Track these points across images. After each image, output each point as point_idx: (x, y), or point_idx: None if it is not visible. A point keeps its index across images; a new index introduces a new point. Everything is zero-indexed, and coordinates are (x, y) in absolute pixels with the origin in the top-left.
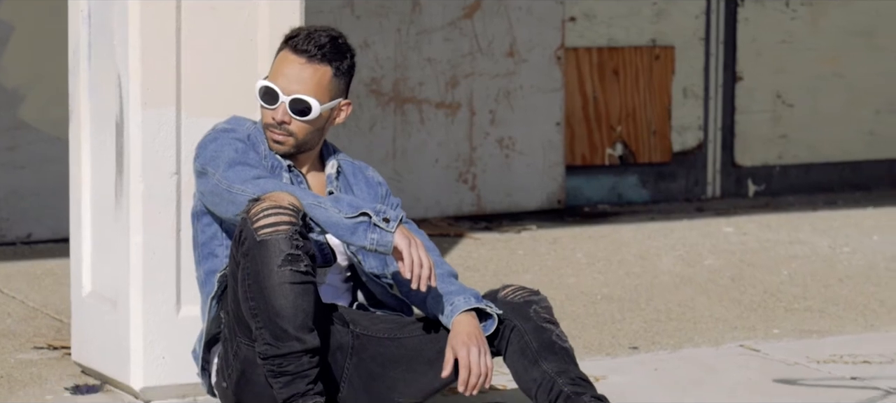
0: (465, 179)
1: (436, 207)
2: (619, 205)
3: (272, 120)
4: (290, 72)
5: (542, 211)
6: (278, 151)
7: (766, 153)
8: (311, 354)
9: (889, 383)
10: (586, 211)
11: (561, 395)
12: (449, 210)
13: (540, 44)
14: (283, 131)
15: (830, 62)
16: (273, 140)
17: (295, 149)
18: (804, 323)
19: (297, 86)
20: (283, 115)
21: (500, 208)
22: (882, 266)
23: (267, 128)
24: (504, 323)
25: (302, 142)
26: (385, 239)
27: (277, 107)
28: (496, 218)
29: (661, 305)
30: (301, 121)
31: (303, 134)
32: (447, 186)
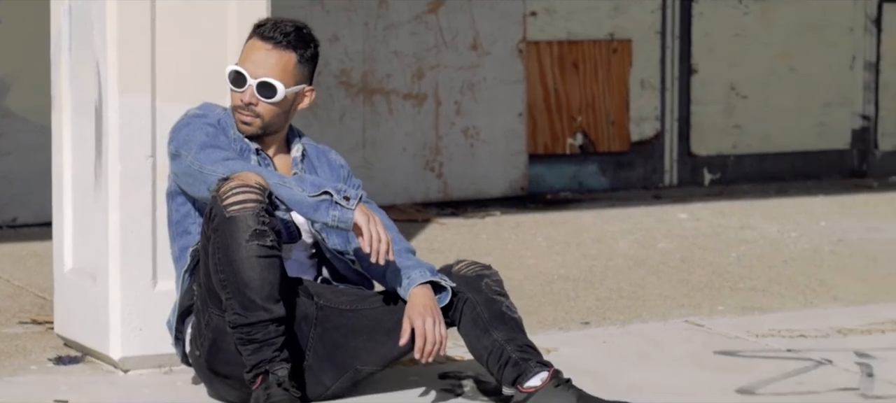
0: (432, 167)
1: (404, 194)
2: (580, 193)
3: (240, 102)
4: (257, 58)
5: (506, 198)
6: (246, 132)
7: (720, 143)
8: (277, 323)
9: (821, 355)
10: (548, 198)
11: (509, 361)
12: (417, 196)
13: (502, 37)
14: (251, 112)
15: (782, 56)
16: (241, 121)
17: (262, 130)
18: (747, 301)
19: (264, 70)
20: (250, 97)
21: (466, 195)
22: (827, 249)
23: (235, 110)
24: (458, 295)
25: (268, 123)
26: (345, 216)
27: (245, 89)
28: (462, 204)
29: (613, 285)
30: (267, 102)
31: (269, 115)
32: (415, 174)
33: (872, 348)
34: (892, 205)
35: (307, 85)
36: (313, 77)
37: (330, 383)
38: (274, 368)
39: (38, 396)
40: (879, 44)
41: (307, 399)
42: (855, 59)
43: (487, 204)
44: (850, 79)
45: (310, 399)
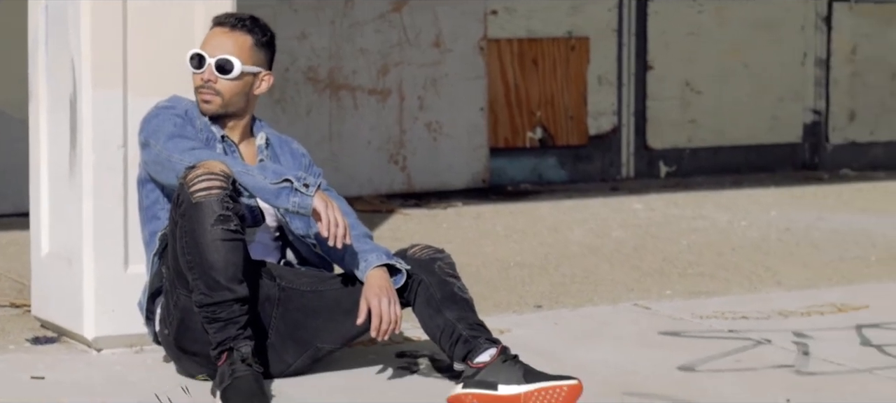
0: (396, 160)
1: (369, 186)
2: (540, 185)
3: (201, 81)
4: (215, 41)
5: (468, 190)
6: (207, 111)
7: (676, 137)
8: (241, 303)
9: (760, 335)
10: (509, 190)
11: (460, 339)
12: (381, 188)
13: (464, 35)
14: (210, 90)
15: (735, 53)
16: (202, 101)
17: (222, 109)
18: (694, 286)
19: (221, 50)
20: (209, 75)
21: (429, 187)
22: (774, 237)
23: (197, 91)
24: (412, 277)
25: (228, 101)
26: (305, 202)
27: (205, 69)
28: (425, 196)
29: (567, 271)
30: (225, 79)
31: (228, 93)
32: (379, 166)
33: (810, 328)
34: (840, 197)
35: (265, 70)
36: (271, 64)
37: (292, 360)
38: (238, 345)
39: (16, 373)
40: (830, 41)
41: (270, 375)
42: (806, 55)
43: (450, 195)
44: (801, 75)
45: (273, 375)
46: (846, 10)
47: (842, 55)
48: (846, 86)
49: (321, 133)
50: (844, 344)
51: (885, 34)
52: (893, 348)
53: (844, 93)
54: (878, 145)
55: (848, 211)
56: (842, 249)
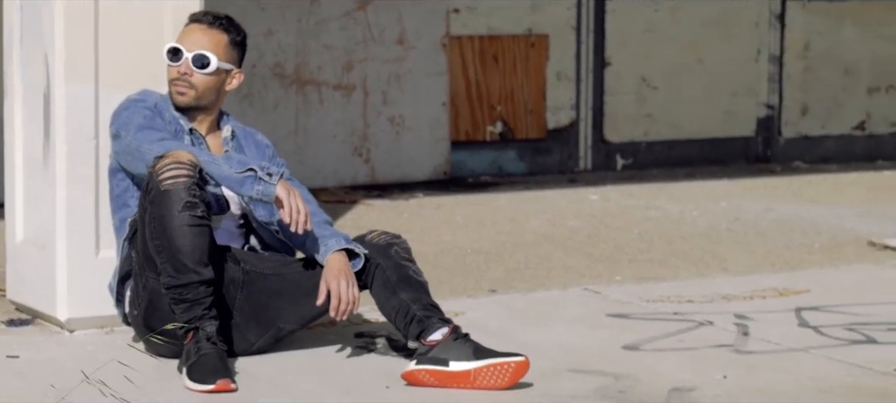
0: (360, 153)
1: (334, 177)
2: (500, 177)
3: (177, 73)
4: (192, 36)
5: (430, 182)
6: (181, 103)
7: (632, 131)
8: (206, 285)
9: (703, 317)
10: (470, 182)
11: (415, 318)
12: (346, 180)
13: (426, 33)
14: (186, 83)
15: (690, 50)
16: (177, 92)
17: (195, 101)
18: (643, 272)
19: (199, 46)
20: (186, 68)
21: (392, 179)
22: (723, 227)
23: (172, 82)
24: (369, 261)
25: (201, 94)
26: (268, 190)
27: (181, 62)
28: (388, 187)
29: (522, 258)
30: (201, 73)
31: (202, 86)
32: (344, 159)
33: (751, 311)
34: (790, 188)
35: (237, 68)
36: (242, 63)
37: (255, 340)
38: (203, 324)
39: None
40: (783, 38)
41: (234, 353)
42: (759, 52)
43: (412, 187)
44: (755, 71)
45: (237, 353)
46: (799, 8)
47: (795, 51)
48: (799, 82)
49: (288, 127)
50: (783, 326)
51: (837, 31)
52: (830, 329)
53: (797, 88)
54: (830, 138)
55: (797, 201)
56: (788, 238)
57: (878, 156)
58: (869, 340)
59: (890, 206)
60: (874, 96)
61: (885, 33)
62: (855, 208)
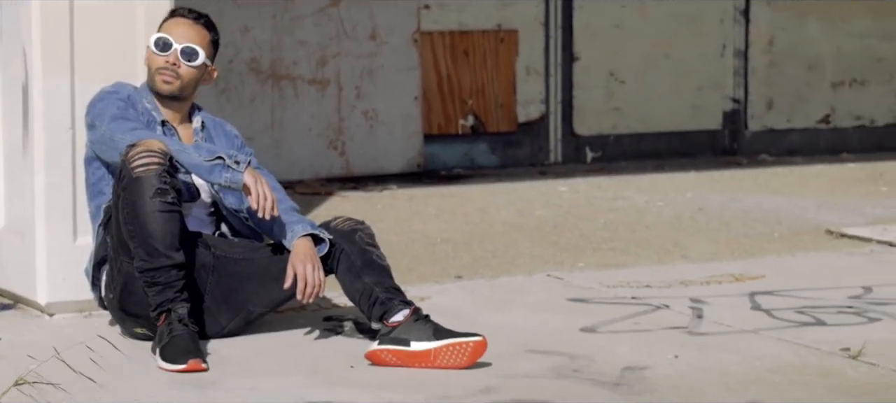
0: (335, 146)
1: (309, 170)
2: (472, 169)
3: (165, 63)
4: (180, 30)
5: (404, 174)
6: (165, 91)
7: (601, 124)
8: (178, 268)
9: (660, 301)
10: (442, 174)
11: (377, 301)
12: (321, 173)
13: (398, 28)
14: (173, 73)
15: (658, 45)
16: (163, 81)
17: (178, 91)
18: (606, 259)
19: (186, 39)
20: (174, 59)
21: (366, 171)
22: (687, 216)
23: (158, 71)
24: (335, 246)
25: (185, 85)
26: (236, 177)
27: (170, 52)
28: (363, 179)
29: (489, 246)
30: (189, 65)
31: (187, 77)
32: (319, 152)
33: (707, 295)
34: (755, 180)
35: (212, 64)
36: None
37: (226, 322)
38: (175, 307)
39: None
40: (748, 34)
41: (206, 336)
42: (725, 47)
43: (386, 179)
44: (721, 66)
45: (208, 336)
46: (764, 5)
47: (760, 47)
48: (764, 76)
49: (263, 121)
50: (736, 309)
51: (801, 27)
52: (781, 312)
53: (762, 82)
54: (795, 132)
55: (761, 193)
56: (749, 227)
57: (843, 149)
58: (818, 322)
59: (850, 197)
60: (838, 91)
61: (849, 29)
62: (816, 199)
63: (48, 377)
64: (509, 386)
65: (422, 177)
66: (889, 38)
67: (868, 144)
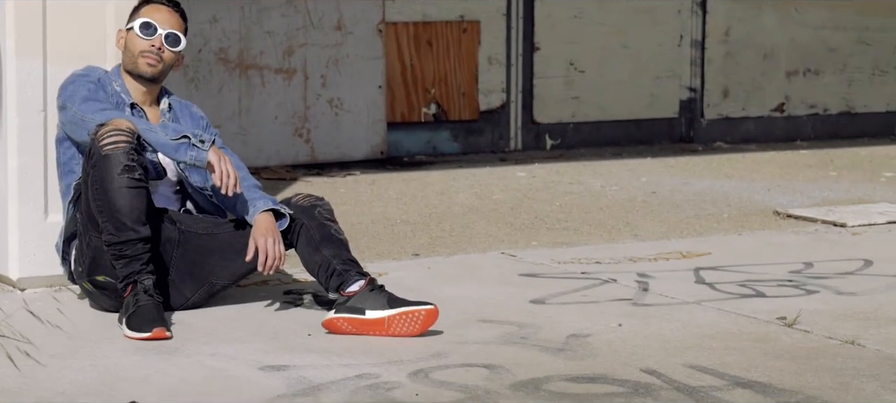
0: (301, 134)
1: (276, 157)
2: (434, 156)
3: (150, 47)
4: (162, 15)
5: (367, 161)
6: (148, 73)
7: (560, 112)
8: (144, 242)
9: (607, 275)
10: (405, 161)
11: (335, 272)
12: (287, 159)
13: (363, 19)
14: (156, 56)
15: (616, 35)
16: (147, 63)
17: (159, 74)
18: (559, 238)
19: (170, 25)
20: (159, 43)
21: (331, 158)
22: (640, 199)
23: (143, 54)
24: (295, 221)
25: (165, 69)
26: (200, 155)
27: (156, 36)
28: (327, 166)
29: (447, 226)
30: (172, 50)
31: (169, 62)
32: (285, 139)
33: (654, 270)
34: (709, 166)
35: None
36: None
37: (190, 294)
38: (141, 278)
39: None
40: (704, 24)
41: (171, 307)
42: (682, 37)
43: (350, 165)
44: (678, 56)
45: (173, 307)
46: None
47: (716, 37)
48: (720, 66)
49: (232, 109)
50: (681, 283)
51: (757, 18)
52: (723, 285)
53: (718, 72)
54: (750, 120)
55: (714, 177)
56: (699, 208)
57: (798, 137)
58: (758, 294)
59: (800, 181)
60: (793, 80)
61: (803, 19)
62: (767, 183)
63: (18, 344)
64: (459, 352)
65: (385, 163)
66: (842, 28)
67: (821, 132)
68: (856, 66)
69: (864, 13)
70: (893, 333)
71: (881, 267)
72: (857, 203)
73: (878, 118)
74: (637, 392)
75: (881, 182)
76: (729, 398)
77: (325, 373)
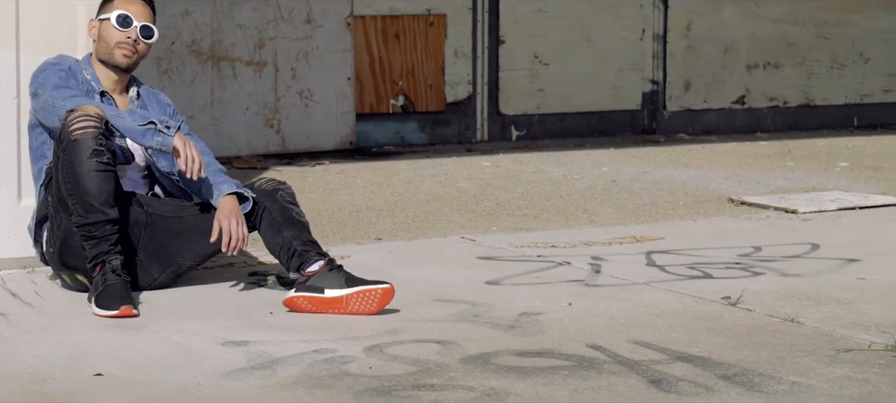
0: (272, 124)
1: (247, 147)
2: (402, 146)
3: (126, 39)
4: (136, 8)
5: (337, 151)
6: (125, 64)
7: (525, 104)
8: (112, 224)
9: (562, 258)
10: (374, 151)
11: (296, 253)
12: (258, 149)
13: (332, 12)
14: (132, 48)
15: (580, 29)
16: (123, 55)
17: (134, 64)
18: (518, 224)
19: (144, 18)
20: (135, 35)
21: (301, 148)
22: (599, 187)
23: (119, 45)
24: (258, 204)
25: (139, 58)
26: (166, 141)
27: (132, 28)
28: (297, 156)
29: (411, 213)
30: (146, 42)
31: (143, 53)
32: (256, 130)
33: (607, 254)
34: (669, 156)
35: None
36: None
37: (157, 275)
38: (109, 259)
39: None
40: (666, 18)
41: (139, 287)
42: (645, 31)
43: (320, 155)
44: (640, 49)
45: (141, 287)
46: None
47: (678, 31)
48: (682, 59)
49: (204, 100)
50: (632, 265)
51: (718, 12)
52: (673, 267)
53: (680, 65)
54: (711, 112)
55: (673, 167)
56: (656, 196)
57: (758, 129)
58: (706, 276)
59: (757, 171)
60: (753, 73)
61: (762, 14)
62: (724, 172)
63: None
64: (413, 329)
65: (354, 153)
66: (801, 23)
67: (781, 124)
68: (815, 59)
69: (822, 8)
70: (832, 311)
71: (827, 250)
72: (811, 191)
73: (837, 110)
74: (581, 366)
75: (836, 171)
76: (668, 370)
77: (284, 348)
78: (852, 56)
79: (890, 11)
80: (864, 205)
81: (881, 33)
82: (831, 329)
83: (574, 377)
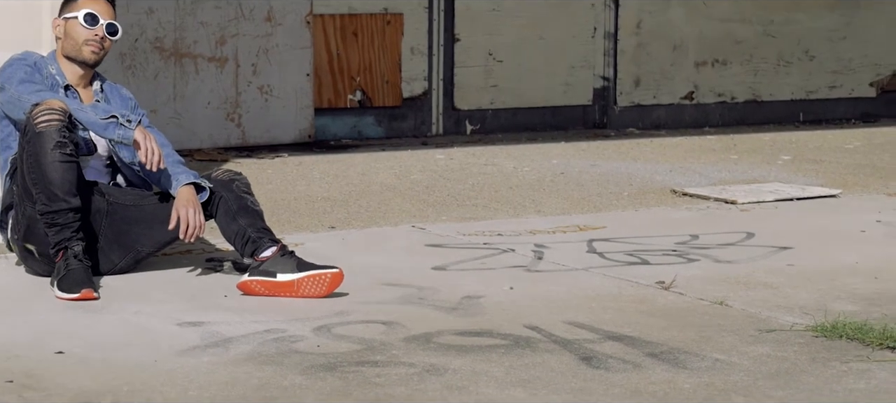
0: (232, 118)
1: (208, 140)
2: (359, 140)
3: (94, 36)
4: (100, 7)
5: (296, 144)
6: (93, 61)
7: (480, 99)
8: (74, 212)
9: (507, 246)
10: (332, 144)
11: (250, 239)
12: (219, 142)
13: (292, 11)
14: (99, 45)
15: (533, 27)
16: (91, 51)
17: (100, 59)
18: (467, 214)
19: (108, 16)
20: (102, 34)
21: (261, 141)
22: (548, 179)
23: (87, 42)
24: (214, 193)
25: (104, 54)
26: (127, 134)
27: (98, 27)
28: (258, 149)
29: (364, 203)
30: (112, 39)
31: (107, 49)
32: (217, 124)
33: (550, 242)
34: (618, 149)
35: None
36: None
37: (117, 260)
38: (72, 245)
39: None
40: (617, 17)
41: (100, 272)
42: (596, 29)
43: (279, 148)
44: (592, 46)
45: (102, 272)
46: None
47: (628, 29)
48: (632, 56)
49: (167, 94)
50: (573, 252)
51: (666, 11)
52: (613, 254)
53: (630, 61)
54: (661, 107)
55: (621, 160)
56: (602, 187)
57: (706, 124)
58: (643, 262)
59: (701, 164)
60: (701, 70)
61: (710, 13)
62: (670, 165)
63: None
64: (360, 311)
65: (312, 146)
66: (747, 21)
67: (729, 119)
68: (762, 57)
69: (769, 7)
70: (759, 295)
71: (761, 239)
72: (752, 183)
73: (783, 106)
74: (517, 345)
75: (778, 164)
76: (600, 349)
77: (237, 328)
78: (798, 53)
79: (834, 10)
80: (801, 197)
81: (826, 31)
82: (758, 311)
83: (510, 354)
